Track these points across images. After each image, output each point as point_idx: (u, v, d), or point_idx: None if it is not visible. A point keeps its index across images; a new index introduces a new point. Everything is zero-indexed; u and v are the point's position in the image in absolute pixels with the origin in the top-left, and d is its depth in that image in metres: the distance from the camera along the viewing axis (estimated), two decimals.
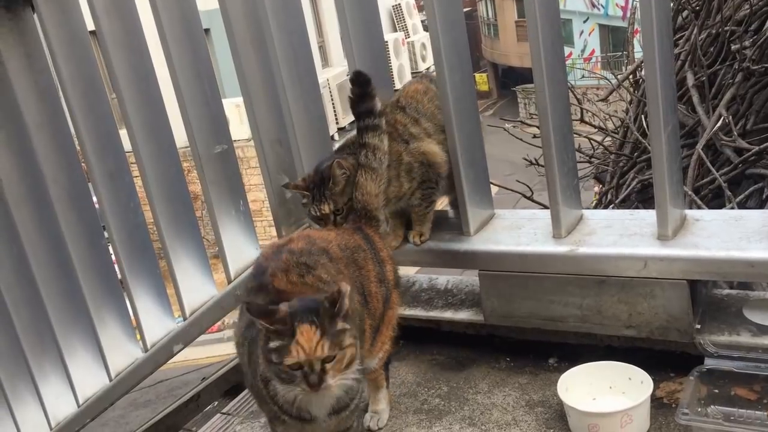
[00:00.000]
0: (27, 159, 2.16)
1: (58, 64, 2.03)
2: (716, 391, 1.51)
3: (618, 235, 1.65)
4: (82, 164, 2.19)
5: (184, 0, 1.96)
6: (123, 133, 2.10)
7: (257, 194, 10.33)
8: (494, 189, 2.03)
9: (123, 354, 2.32)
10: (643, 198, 3.46)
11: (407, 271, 1.99)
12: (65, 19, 2.01)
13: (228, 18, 1.94)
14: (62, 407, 2.44)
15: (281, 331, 1.22)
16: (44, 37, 2.03)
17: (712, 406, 1.49)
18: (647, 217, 1.68)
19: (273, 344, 1.22)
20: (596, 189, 4.13)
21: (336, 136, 14.24)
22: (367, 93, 1.68)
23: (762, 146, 2.78)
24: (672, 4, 3.65)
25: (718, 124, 2.96)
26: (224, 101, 2.12)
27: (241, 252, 2.11)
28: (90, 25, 1.99)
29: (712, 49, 3.24)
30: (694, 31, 3.20)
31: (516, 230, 1.79)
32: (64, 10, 2.00)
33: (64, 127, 2.15)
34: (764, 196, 2.78)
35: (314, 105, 2.01)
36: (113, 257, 2.29)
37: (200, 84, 2.02)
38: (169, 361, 2.33)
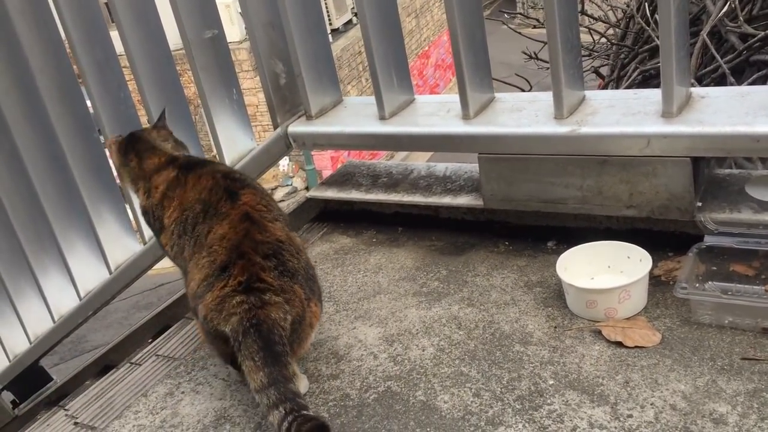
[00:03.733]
0: (11, 48, 2.09)
1: None
2: (714, 268, 1.51)
3: (621, 114, 1.62)
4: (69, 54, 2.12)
5: None
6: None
7: (251, 98, 10.19)
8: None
9: (122, 247, 2.32)
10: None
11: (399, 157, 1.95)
12: None
13: None
14: (64, 301, 2.46)
15: None
16: None
17: (710, 282, 1.50)
18: (652, 95, 1.64)
19: None
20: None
21: (330, 39, 13.91)
22: None
23: None
24: None
25: (724, 10, 2.87)
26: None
27: (236, 142, 2.07)
28: None
29: None
30: None
31: (517, 112, 1.75)
32: None
33: (47, 14, 2.06)
34: None
35: None
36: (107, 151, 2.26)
37: None
38: (171, 265, 2.34)
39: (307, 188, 12.72)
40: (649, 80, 3.38)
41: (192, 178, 1.54)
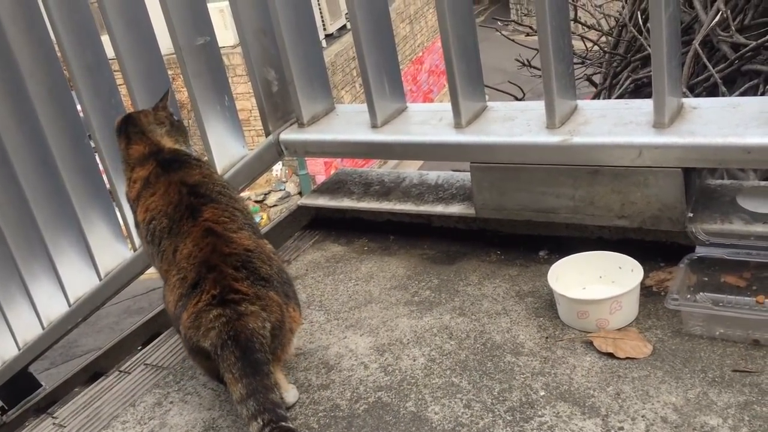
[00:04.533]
0: (1, 52, 2.08)
1: None
2: (705, 279, 1.51)
3: (613, 124, 1.62)
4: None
5: None
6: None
7: (244, 103, 10.15)
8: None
9: (112, 254, 2.31)
10: (637, 98, 3.40)
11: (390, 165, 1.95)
12: None
13: None
14: (54, 307, 2.45)
15: None
16: None
17: (701, 293, 1.49)
18: (643, 106, 1.64)
19: None
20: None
21: (324, 44, 13.89)
22: None
23: (760, 41, 2.72)
24: None
25: (716, 19, 2.87)
26: (208, 5, 2.02)
27: (227, 148, 2.06)
28: None
29: None
30: None
31: (509, 121, 1.74)
32: None
33: (38, 18, 2.05)
34: (759, 93, 2.73)
35: None
36: (97, 156, 2.24)
37: None
38: None
39: (300, 193, 12.67)
40: (642, 88, 3.38)
41: (163, 184, 1.52)
